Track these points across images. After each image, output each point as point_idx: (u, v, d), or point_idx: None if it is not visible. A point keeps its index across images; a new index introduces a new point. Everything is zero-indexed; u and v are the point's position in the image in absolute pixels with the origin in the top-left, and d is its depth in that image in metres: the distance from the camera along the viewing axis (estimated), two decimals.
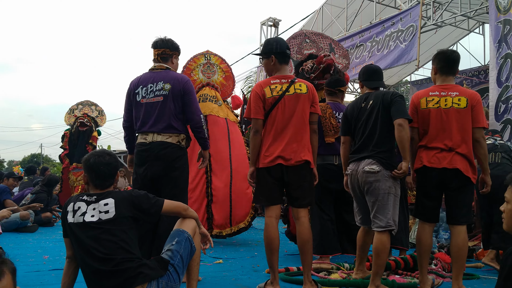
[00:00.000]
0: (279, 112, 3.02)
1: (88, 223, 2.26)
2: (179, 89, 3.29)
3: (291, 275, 3.49)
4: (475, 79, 10.63)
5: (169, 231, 3.44)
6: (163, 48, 3.44)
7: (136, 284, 2.17)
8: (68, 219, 2.31)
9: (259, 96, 3.05)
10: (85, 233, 2.25)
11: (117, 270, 2.18)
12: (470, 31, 12.38)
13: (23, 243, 5.07)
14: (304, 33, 4.83)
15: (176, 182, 3.30)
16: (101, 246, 2.20)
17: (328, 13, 11.85)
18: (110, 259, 2.18)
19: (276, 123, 3.01)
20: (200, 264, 3.90)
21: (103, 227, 2.25)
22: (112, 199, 2.32)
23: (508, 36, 6.68)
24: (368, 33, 9.94)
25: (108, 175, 2.42)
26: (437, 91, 3.13)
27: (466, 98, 3.03)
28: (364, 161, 3.03)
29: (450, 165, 2.96)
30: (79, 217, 2.29)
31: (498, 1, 6.92)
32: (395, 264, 3.60)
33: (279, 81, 3.09)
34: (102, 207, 2.31)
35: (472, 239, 5.12)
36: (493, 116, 6.77)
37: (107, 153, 2.50)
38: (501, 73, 6.73)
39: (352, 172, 3.11)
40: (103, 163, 2.41)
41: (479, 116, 3.02)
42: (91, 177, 2.42)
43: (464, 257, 3.01)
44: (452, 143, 2.98)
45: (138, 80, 3.42)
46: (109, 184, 2.43)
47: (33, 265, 3.73)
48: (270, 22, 14.07)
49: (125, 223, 2.30)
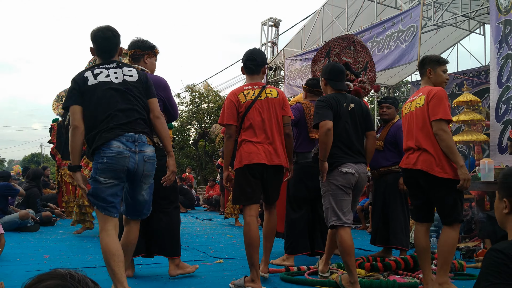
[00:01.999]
0: (255, 114, 3.17)
1: (114, 82, 2.65)
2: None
3: (291, 275, 3.50)
4: (475, 79, 10.63)
5: (169, 229, 3.45)
6: (133, 49, 3.41)
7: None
8: (88, 83, 2.62)
9: (234, 103, 3.20)
10: (108, 91, 2.62)
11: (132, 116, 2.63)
12: (470, 32, 12.37)
13: (24, 243, 5.07)
14: (354, 39, 4.63)
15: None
16: (124, 100, 2.63)
17: (329, 13, 11.85)
18: (131, 109, 2.63)
19: (253, 124, 3.16)
20: (201, 264, 3.93)
21: (128, 86, 2.66)
22: (134, 69, 2.76)
23: (508, 36, 6.68)
24: (368, 33, 9.94)
25: (109, 49, 2.75)
26: (412, 96, 3.23)
27: (424, 95, 3.03)
28: (362, 164, 3.16)
29: (414, 166, 2.99)
30: (105, 77, 2.65)
31: (499, 2, 6.92)
32: (395, 264, 3.60)
33: (251, 87, 3.27)
34: (126, 71, 2.71)
35: (472, 239, 5.12)
36: (494, 116, 6.78)
37: (109, 29, 2.76)
38: (501, 73, 6.73)
39: (355, 173, 3.10)
40: (102, 37, 2.72)
41: (435, 109, 2.94)
42: (96, 51, 2.78)
43: (446, 255, 2.94)
44: (415, 143, 3.02)
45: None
46: (111, 55, 2.76)
47: (34, 265, 3.73)
48: (271, 22, 14.09)
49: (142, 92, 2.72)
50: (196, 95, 18.65)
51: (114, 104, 2.60)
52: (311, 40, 12.58)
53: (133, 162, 2.57)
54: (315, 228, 4.15)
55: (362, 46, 4.61)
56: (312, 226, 4.15)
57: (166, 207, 3.45)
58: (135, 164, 2.58)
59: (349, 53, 4.52)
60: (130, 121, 2.60)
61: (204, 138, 18.12)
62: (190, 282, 3.30)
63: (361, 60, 4.56)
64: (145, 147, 2.63)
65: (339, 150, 3.12)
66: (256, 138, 3.15)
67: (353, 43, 4.54)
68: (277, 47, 14.10)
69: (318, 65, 4.50)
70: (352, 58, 4.52)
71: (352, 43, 4.52)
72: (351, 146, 3.14)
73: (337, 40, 4.58)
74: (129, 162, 2.56)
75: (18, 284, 2.97)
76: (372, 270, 3.56)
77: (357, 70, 4.45)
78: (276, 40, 14.14)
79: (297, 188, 4.09)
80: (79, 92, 2.62)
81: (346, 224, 3.05)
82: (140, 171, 2.62)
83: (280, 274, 3.52)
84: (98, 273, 3.43)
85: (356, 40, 4.61)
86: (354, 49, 4.55)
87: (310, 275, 3.48)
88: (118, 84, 2.65)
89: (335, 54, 4.45)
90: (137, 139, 2.60)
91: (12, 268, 3.54)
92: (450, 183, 2.89)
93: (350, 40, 4.56)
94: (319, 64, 4.47)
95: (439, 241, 3.03)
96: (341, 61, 4.43)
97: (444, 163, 2.90)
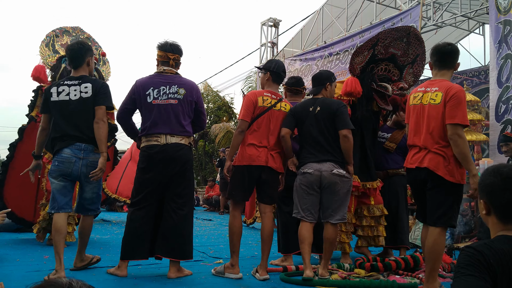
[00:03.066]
0: (264, 121, 3.51)
1: (72, 100, 3.32)
2: (192, 95, 3.50)
3: (290, 275, 3.50)
4: (475, 79, 10.63)
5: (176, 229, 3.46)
6: (177, 54, 3.57)
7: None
8: (51, 99, 3.33)
9: (253, 102, 3.52)
10: (66, 109, 3.32)
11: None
12: (470, 32, 12.39)
13: (24, 243, 5.06)
14: (410, 31, 4.23)
15: (189, 182, 3.57)
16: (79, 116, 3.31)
17: (328, 14, 11.84)
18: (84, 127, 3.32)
19: (261, 130, 3.50)
20: (200, 264, 3.92)
21: (82, 103, 3.30)
22: (90, 85, 3.34)
23: (508, 36, 6.69)
24: (368, 33, 9.93)
25: (76, 58, 3.42)
26: (424, 86, 3.05)
27: (442, 93, 2.86)
28: (327, 163, 3.35)
29: (420, 164, 2.93)
30: (65, 96, 3.33)
31: (498, 2, 6.92)
32: (396, 264, 3.60)
33: (270, 95, 3.60)
34: (83, 88, 3.33)
35: (472, 239, 5.12)
36: (493, 116, 6.78)
37: (78, 43, 3.55)
38: (501, 73, 6.73)
39: (313, 172, 3.37)
40: (71, 49, 3.43)
41: (452, 111, 2.81)
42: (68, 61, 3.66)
43: (435, 259, 2.87)
44: (423, 142, 2.92)
45: (148, 81, 3.47)
46: (79, 64, 3.43)
47: (34, 265, 3.73)
48: (271, 23, 14.08)
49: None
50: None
51: (69, 119, 3.32)
52: (311, 40, 12.57)
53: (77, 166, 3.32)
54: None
55: (417, 38, 4.28)
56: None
57: (181, 207, 3.44)
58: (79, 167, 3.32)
59: (400, 45, 4.22)
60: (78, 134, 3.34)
61: (204, 138, 18.11)
62: (190, 282, 3.29)
63: (411, 52, 4.29)
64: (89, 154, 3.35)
65: (305, 151, 3.47)
66: (260, 143, 3.48)
67: (407, 35, 4.22)
68: (276, 47, 14.08)
69: (361, 57, 4.13)
70: (402, 50, 4.24)
71: (406, 35, 4.21)
72: (315, 146, 3.41)
73: (390, 32, 4.21)
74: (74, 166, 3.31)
75: (17, 284, 2.98)
76: (372, 270, 3.56)
77: (403, 63, 4.27)
78: (275, 40, 14.13)
79: (286, 189, 4.07)
80: (47, 103, 3.39)
81: (304, 219, 3.40)
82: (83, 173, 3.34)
83: (280, 274, 3.52)
84: (98, 273, 3.44)
85: (412, 32, 4.26)
86: (407, 41, 4.24)
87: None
88: (75, 101, 3.32)
89: (383, 46, 4.14)
90: (83, 148, 3.32)
91: (11, 269, 3.53)
92: (454, 187, 2.86)
93: (405, 31, 4.23)
94: (361, 56, 4.13)
95: (426, 246, 2.92)
96: (387, 53, 4.18)
97: (454, 167, 2.83)
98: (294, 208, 3.49)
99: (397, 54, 4.23)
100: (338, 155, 3.38)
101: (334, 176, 3.33)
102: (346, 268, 3.70)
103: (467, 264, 1.34)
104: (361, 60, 4.13)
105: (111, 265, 3.59)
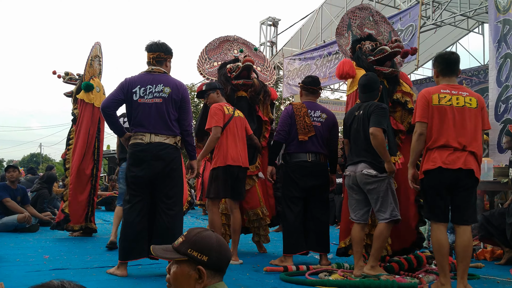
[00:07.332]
0: (231, 125, 4.10)
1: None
2: (178, 95, 3.49)
3: (290, 275, 3.50)
4: (474, 78, 10.62)
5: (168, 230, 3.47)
6: (157, 52, 3.56)
7: None
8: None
9: (222, 111, 4.09)
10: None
11: None
12: (469, 31, 12.39)
13: (24, 243, 5.07)
14: (370, 9, 4.42)
15: (177, 182, 3.52)
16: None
17: (328, 13, 11.84)
18: None
19: (230, 134, 4.07)
20: None
21: None
22: None
23: (507, 36, 6.68)
24: None
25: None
26: (447, 89, 3.12)
27: (476, 99, 3.11)
28: (359, 164, 3.45)
29: (464, 166, 2.97)
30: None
31: (498, 1, 6.92)
32: (398, 266, 3.57)
33: (230, 106, 4.25)
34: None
35: (473, 238, 5.12)
36: (493, 116, 6.77)
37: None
38: (500, 73, 6.73)
39: (350, 174, 3.52)
40: None
41: (487, 119, 3.17)
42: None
43: (469, 256, 3.04)
44: (466, 142, 3.00)
45: (135, 79, 3.49)
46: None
47: (34, 265, 3.73)
48: (270, 22, 14.07)
49: None
50: (195, 95, 18.61)
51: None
52: (310, 40, 12.57)
53: None
54: (308, 227, 4.12)
55: (380, 16, 4.41)
56: (305, 225, 4.12)
57: (171, 208, 3.45)
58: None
59: (370, 24, 4.33)
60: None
61: None
62: None
63: (383, 30, 4.39)
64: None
65: (349, 154, 3.67)
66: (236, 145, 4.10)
67: (371, 13, 4.33)
68: (276, 46, 14.08)
69: (343, 39, 4.24)
70: (374, 29, 4.33)
71: (370, 14, 4.32)
72: (355, 148, 3.55)
73: (354, 11, 4.29)
74: None
75: (17, 284, 2.98)
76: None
77: (382, 42, 4.22)
78: (275, 40, 14.13)
79: (289, 188, 4.09)
80: None
81: (353, 220, 3.53)
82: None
83: (280, 274, 3.52)
84: (98, 274, 3.44)
85: (373, 10, 4.40)
86: (373, 20, 4.36)
87: (310, 276, 3.48)
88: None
89: (356, 26, 4.23)
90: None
91: (12, 269, 3.53)
92: (477, 185, 3.12)
93: (367, 10, 4.34)
94: (343, 38, 4.23)
95: (461, 243, 3.00)
96: (363, 33, 4.25)
97: (479, 167, 3.08)
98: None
99: (373, 34, 4.32)
100: (371, 155, 3.41)
101: (364, 176, 3.41)
102: (346, 267, 3.70)
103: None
104: (346, 41, 4.25)
105: (111, 265, 3.59)
